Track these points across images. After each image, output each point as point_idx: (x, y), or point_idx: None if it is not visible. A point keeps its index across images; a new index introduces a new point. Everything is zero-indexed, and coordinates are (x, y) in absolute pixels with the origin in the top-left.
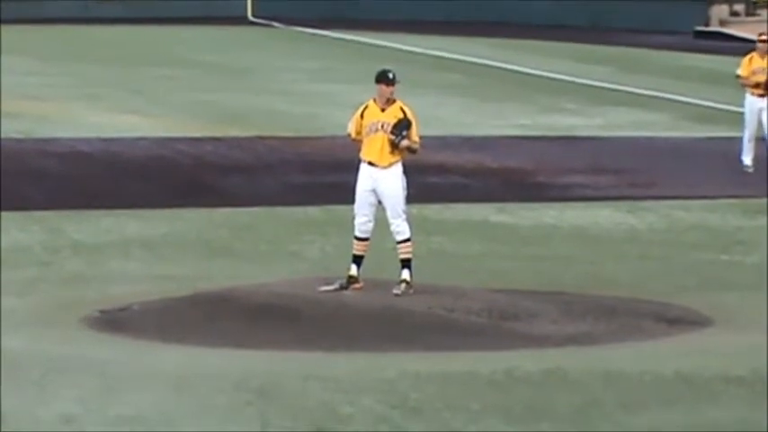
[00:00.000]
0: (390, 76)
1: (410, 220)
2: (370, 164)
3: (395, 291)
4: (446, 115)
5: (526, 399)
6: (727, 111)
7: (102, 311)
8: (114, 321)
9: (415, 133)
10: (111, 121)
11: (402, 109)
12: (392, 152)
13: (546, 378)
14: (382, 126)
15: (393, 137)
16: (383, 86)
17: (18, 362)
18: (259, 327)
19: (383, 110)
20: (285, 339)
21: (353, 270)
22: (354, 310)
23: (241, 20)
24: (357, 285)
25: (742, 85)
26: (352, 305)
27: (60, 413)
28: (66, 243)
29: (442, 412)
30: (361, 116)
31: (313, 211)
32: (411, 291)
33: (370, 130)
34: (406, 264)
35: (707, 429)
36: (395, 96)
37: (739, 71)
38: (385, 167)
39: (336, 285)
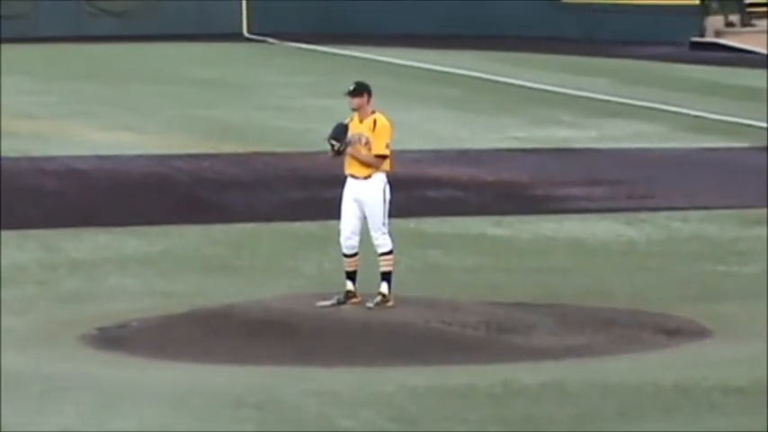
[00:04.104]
0: (351, 87)
1: (392, 233)
2: (351, 176)
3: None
4: (441, 129)
5: (524, 411)
6: (724, 121)
7: (100, 329)
8: (112, 338)
9: (378, 146)
10: (107, 138)
11: (374, 120)
12: (362, 164)
13: (544, 390)
14: (359, 138)
15: (332, 143)
16: (349, 98)
17: (18, 379)
18: (257, 343)
19: (361, 121)
20: (283, 355)
21: (349, 285)
22: (352, 325)
23: (237, 36)
24: (355, 300)
25: None
26: (350, 320)
27: (59, 428)
28: (63, 261)
29: (441, 424)
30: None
31: (310, 226)
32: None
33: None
34: (385, 277)
35: None
36: (375, 108)
37: None
38: (365, 178)
39: (334, 300)
